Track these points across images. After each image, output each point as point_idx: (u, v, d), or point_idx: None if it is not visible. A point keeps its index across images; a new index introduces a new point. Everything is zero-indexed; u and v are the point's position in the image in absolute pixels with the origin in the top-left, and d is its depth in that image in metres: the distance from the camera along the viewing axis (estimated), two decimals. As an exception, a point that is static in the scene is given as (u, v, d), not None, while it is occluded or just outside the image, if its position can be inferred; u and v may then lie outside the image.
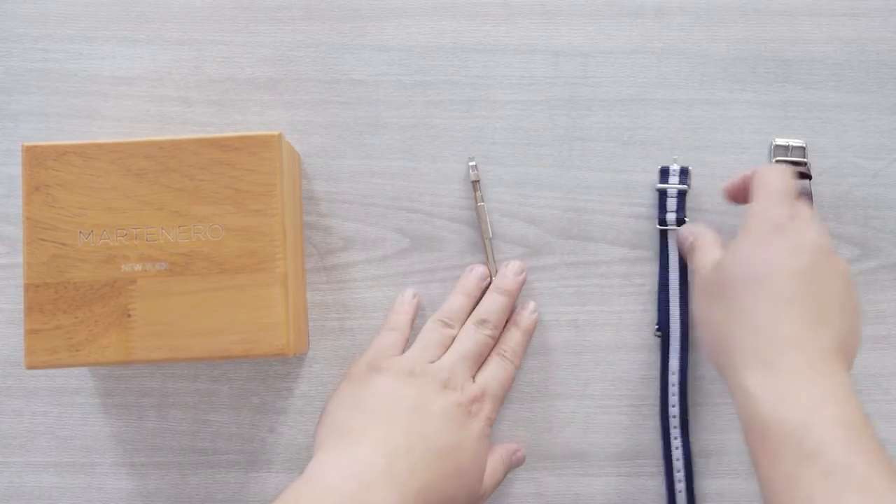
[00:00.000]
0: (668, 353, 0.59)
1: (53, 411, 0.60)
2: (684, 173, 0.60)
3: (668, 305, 0.59)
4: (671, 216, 0.59)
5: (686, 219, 0.59)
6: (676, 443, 0.58)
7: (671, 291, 0.59)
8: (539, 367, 0.60)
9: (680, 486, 0.58)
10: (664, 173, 0.60)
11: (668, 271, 0.59)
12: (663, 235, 0.60)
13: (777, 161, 0.59)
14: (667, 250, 0.60)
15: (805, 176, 0.58)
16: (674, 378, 0.59)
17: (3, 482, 0.60)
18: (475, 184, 0.59)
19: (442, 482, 0.50)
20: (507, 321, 0.58)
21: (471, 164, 0.59)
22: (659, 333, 0.59)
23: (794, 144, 0.59)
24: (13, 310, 0.60)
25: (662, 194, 0.60)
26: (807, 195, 0.58)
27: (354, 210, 0.60)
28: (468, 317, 0.57)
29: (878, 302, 0.60)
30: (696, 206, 0.60)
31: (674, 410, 0.58)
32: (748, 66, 0.61)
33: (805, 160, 0.59)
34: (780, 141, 0.59)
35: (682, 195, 0.60)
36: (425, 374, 0.54)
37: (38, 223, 0.53)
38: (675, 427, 0.58)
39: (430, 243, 0.60)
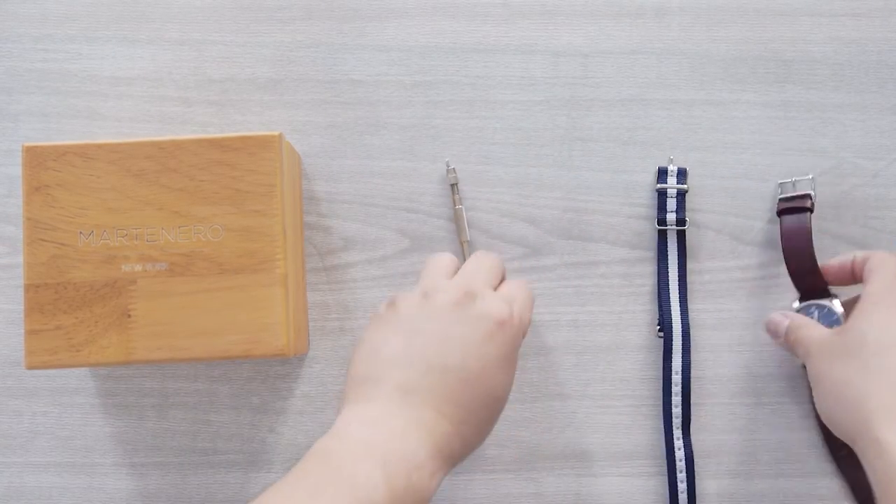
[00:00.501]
0: (670, 353, 0.59)
1: (53, 411, 0.60)
2: (682, 174, 0.60)
3: (669, 305, 0.59)
4: (671, 216, 0.59)
5: (686, 219, 0.59)
6: (679, 443, 0.58)
7: (671, 291, 0.59)
8: (539, 367, 0.60)
9: (682, 487, 0.58)
10: (662, 174, 0.60)
11: (667, 271, 0.60)
12: (663, 235, 0.60)
13: (782, 199, 0.58)
14: (666, 250, 0.60)
15: (806, 210, 0.57)
16: (676, 378, 0.59)
17: (3, 482, 0.60)
18: (454, 187, 0.59)
19: (474, 415, 0.48)
20: None
21: (449, 167, 0.59)
22: (661, 334, 0.59)
23: (799, 180, 0.59)
24: (13, 310, 0.60)
25: (662, 194, 0.60)
26: (806, 227, 0.57)
27: (354, 210, 0.60)
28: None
29: (878, 302, 0.60)
30: (696, 207, 0.60)
31: (676, 410, 0.58)
32: (748, 66, 0.61)
33: (811, 192, 0.58)
34: (784, 180, 0.59)
35: (681, 195, 0.60)
36: (438, 290, 0.50)
37: (38, 223, 0.53)
38: (677, 427, 0.58)
39: (430, 243, 0.60)
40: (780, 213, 0.58)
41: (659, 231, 0.60)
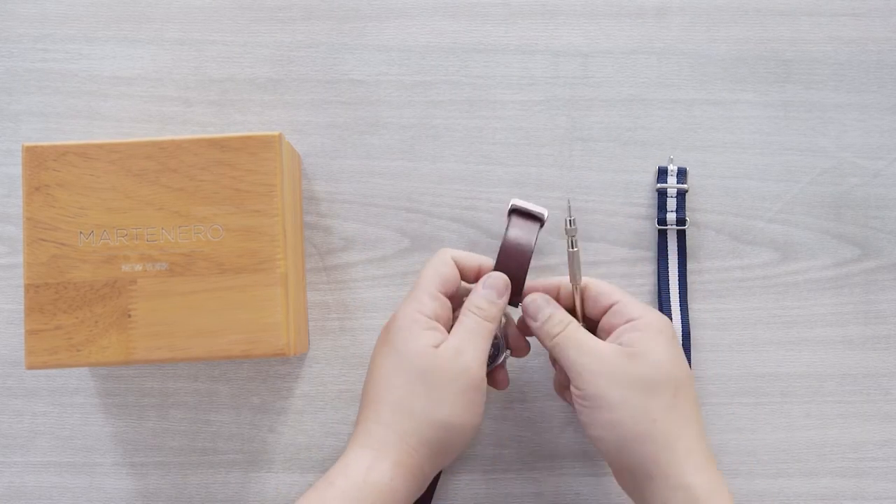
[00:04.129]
0: (668, 353, 0.59)
1: (53, 411, 0.60)
2: (682, 173, 0.60)
3: (669, 306, 0.59)
4: (671, 216, 0.60)
5: (686, 218, 0.59)
6: (676, 443, 0.58)
7: (671, 291, 0.59)
8: (539, 367, 0.60)
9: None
10: (662, 173, 0.60)
11: (667, 271, 0.60)
12: (663, 235, 0.60)
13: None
14: (666, 250, 0.60)
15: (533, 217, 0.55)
16: (674, 378, 0.59)
17: (3, 482, 0.60)
18: (572, 240, 0.53)
19: (410, 402, 0.50)
20: None
21: (570, 223, 0.54)
22: (659, 333, 0.59)
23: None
24: (13, 310, 0.60)
25: (662, 194, 0.60)
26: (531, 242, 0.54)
27: (354, 210, 0.60)
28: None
29: (878, 302, 0.60)
30: (696, 207, 0.60)
31: (674, 410, 0.58)
32: (748, 66, 0.61)
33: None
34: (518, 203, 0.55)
35: (681, 195, 0.60)
36: None
37: (39, 223, 0.53)
38: (675, 427, 0.58)
39: (430, 243, 0.60)
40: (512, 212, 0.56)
41: (659, 231, 0.60)
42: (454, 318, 0.53)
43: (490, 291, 0.52)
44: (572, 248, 0.53)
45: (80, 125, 0.60)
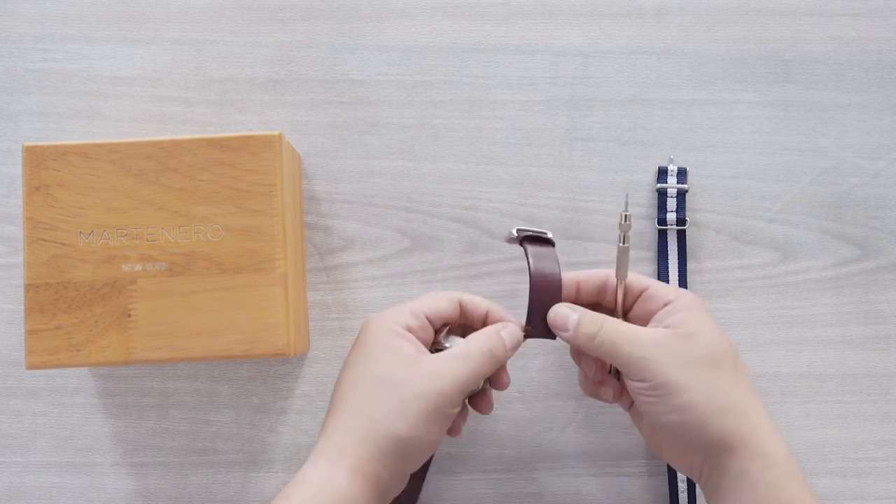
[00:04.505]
0: (668, 353, 0.59)
1: (53, 411, 0.60)
2: (682, 173, 0.60)
3: (669, 305, 0.59)
4: (671, 216, 0.60)
5: (686, 218, 0.59)
6: (677, 443, 0.58)
7: (671, 291, 0.59)
8: (539, 368, 0.60)
9: (682, 487, 0.58)
10: (662, 173, 0.60)
11: (668, 271, 0.60)
12: (663, 235, 0.60)
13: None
14: (666, 250, 0.60)
15: (544, 241, 0.54)
16: (674, 378, 0.58)
17: (3, 482, 0.60)
18: (624, 236, 0.52)
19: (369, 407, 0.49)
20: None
21: (625, 218, 0.52)
22: (659, 333, 0.59)
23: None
24: (13, 310, 0.60)
25: (662, 194, 0.60)
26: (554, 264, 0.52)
27: (354, 210, 0.60)
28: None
29: (878, 302, 0.60)
30: (696, 207, 0.60)
31: (674, 410, 0.58)
32: (748, 66, 0.61)
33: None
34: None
35: (681, 195, 0.60)
36: None
37: (39, 223, 0.53)
38: (675, 427, 0.58)
39: (430, 243, 0.60)
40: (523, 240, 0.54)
41: (659, 231, 0.60)
42: (434, 347, 0.52)
43: (508, 340, 0.51)
44: (623, 243, 0.52)
45: (80, 125, 0.60)
